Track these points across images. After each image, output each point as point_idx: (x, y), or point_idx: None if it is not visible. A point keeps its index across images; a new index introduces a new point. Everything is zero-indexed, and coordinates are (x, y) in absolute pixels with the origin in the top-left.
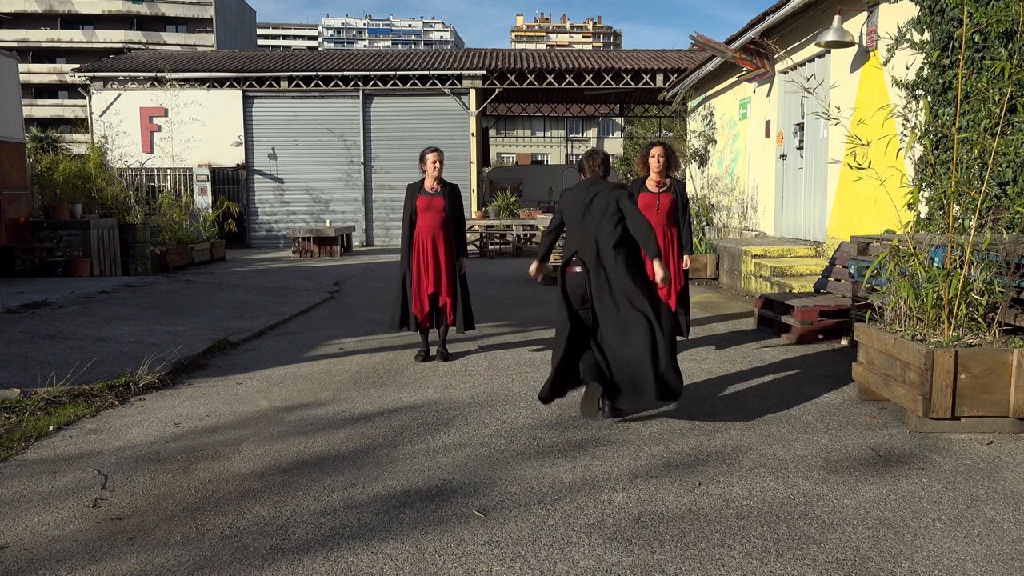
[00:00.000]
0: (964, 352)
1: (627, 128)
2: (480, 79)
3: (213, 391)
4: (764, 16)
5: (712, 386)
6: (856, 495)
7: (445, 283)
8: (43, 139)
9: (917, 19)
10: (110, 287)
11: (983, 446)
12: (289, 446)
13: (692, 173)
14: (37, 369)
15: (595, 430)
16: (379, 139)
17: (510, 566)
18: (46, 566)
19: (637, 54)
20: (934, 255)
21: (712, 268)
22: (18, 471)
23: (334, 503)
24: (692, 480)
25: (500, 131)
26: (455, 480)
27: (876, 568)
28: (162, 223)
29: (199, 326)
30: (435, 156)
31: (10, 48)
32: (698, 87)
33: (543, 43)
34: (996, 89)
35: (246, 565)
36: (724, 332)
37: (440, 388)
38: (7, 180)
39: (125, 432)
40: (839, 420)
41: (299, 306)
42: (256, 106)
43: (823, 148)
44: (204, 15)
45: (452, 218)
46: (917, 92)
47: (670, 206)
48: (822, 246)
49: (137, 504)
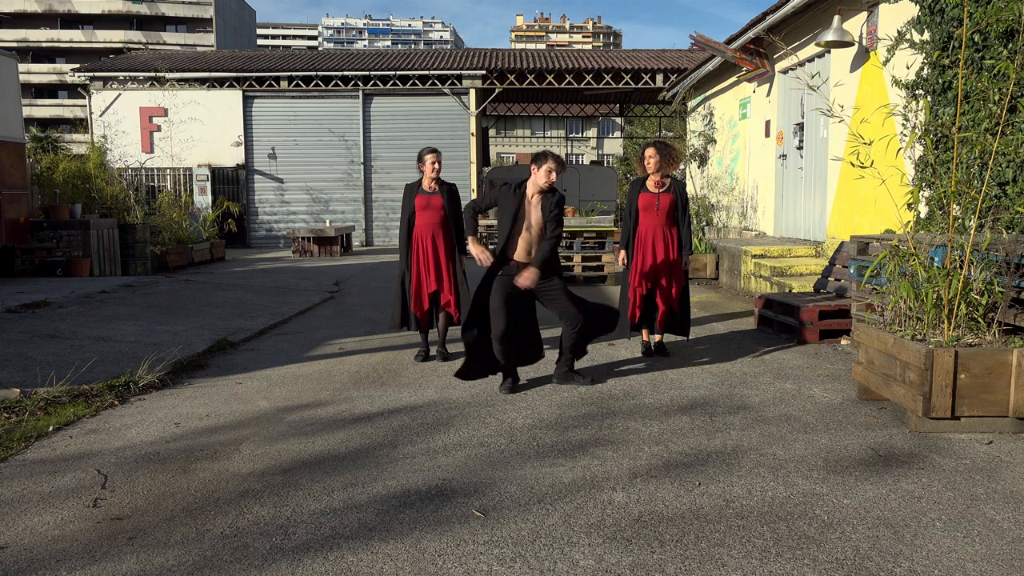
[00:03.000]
0: (964, 352)
1: (627, 128)
2: (480, 79)
3: (213, 391)
4: (764, 16)
5: (712, 386)
6: (856, 495)
7: (446, 281)
8: (43, 139)
9: (917, 19)
10: (110, 287)
11: (983, 446)
12: (289, 446)
13: (692, 173)
14: (37, 369)
15: (595, 430)
16: (379, 139)
17: (510, 566)
18: (46, 566)
19: (637, 54)
20: (934, 255)
21: (712, 268)
22: (18, 471)
23: (334, 503)
24: (692, 480)
25: (500, 131)
26: (455, 480)
27: (876, 568)
28: (162, 223)
29: (199, 326)
30: (433, 157)
31: (10, 48)
32: (698, 87)
33: (543, 43)
34: (996, 89)
35: (246, 565)
36: (724, 332)
37: (440, 388)
38: (7, 180)
39: (125, 432)
40: (839, 420)
41: (299, 306)
42: (256, 106)
43: (823, 148)
44: (204, 15)
45: (451, 216)
46: (917, 92)
47: (670, 206)
48: (822, 246)
49: (137, 504)
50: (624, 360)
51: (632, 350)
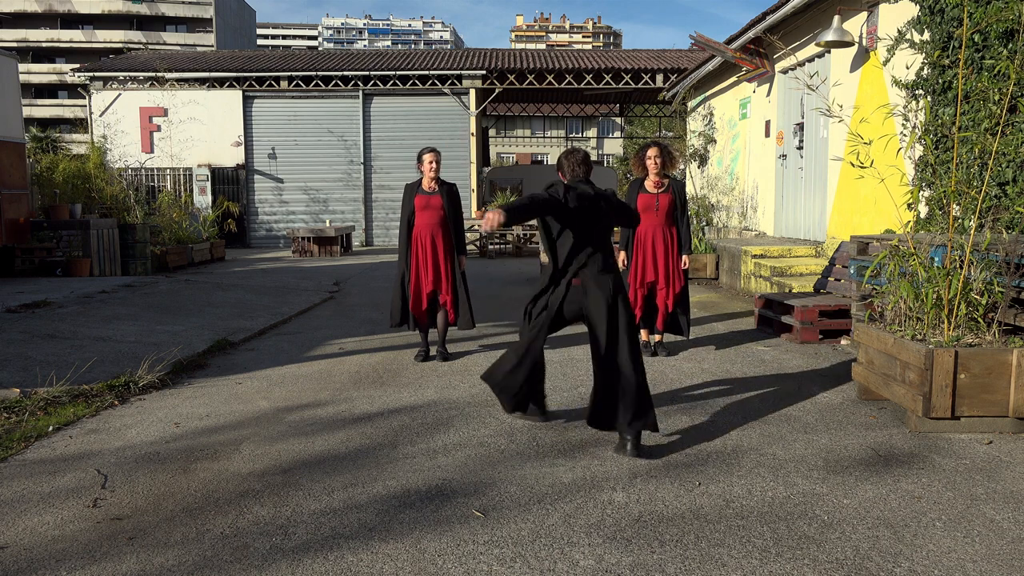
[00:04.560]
0: (964, 352)
1: (627, 128)
2: (480, 79)
3: (213, 391)
4: (764, 16)
5: (712, 386)
6: (856, 495)
7: (445, 281)
8: (43, 139)
9: (917, 19)
10: (110, 287)
11: (983, 446)
12: (289, 446)
13: (692, 173)
14: (37, 369)
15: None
16: (379, 139)
17: (510, 566)
18: (46, 566)
19: (637, 54)
20: (934, 255)
21: (712, 268)
22: (18, 471)
23: (334, 503)
24: (692, 480)
25: (500, 131)
26: (455, 480)
27: (876, 568)
28: (162, 223)
29: (199, 326)
30: (432, 156)
31: (10, 48)
32: (698, 87)
33: (543, 43)
34: (996, 89)
35: (246, 565)
36: (724, 332)
37: (440, 388)
38: (7, 180)
39: (125, 432)
40: (839, 420)
41: (299, 306)
42: (256, 106)
43: (823, 148)
44: (204, 15)
45: (451, 216)
46: (917, 92)
47: (669, 206)
48: (822, 246)
49: (137, 504)
50: None
51: None
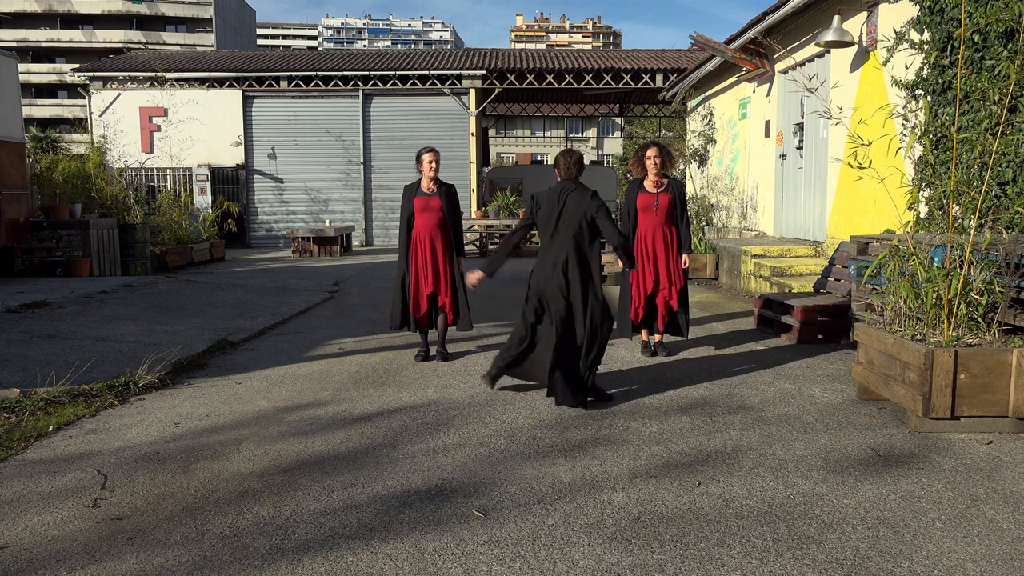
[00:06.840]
0: (964, 352)
1: (627, 128)
2: (480, 79)
3: (213, 391)
4: (764, 16)
5: (712, 386)
6: (856, 495)
7: (444, 283)
8: (43, 139)
9: (917, 19)
10: (110, 287)
11: (983, 446)
12: (289, 446)
13: (692, 173)
14: (37, 369)
15: (595, 430)
16: (378, 139)
17: (510, 566)
18: (46, 566)
19: (637, 54)
20: (934, 255)
21: (712, 268)
22: (18, 471)
23: (334, 503)
24: (692, 480)
25: (500, 131)
26: (455, 480)
27: (876, 568)
28: (162, 223)
29: (199, 326)
30: (431, 156)
31: (10, 48)
32: (698, 87)
33: (543, 43)
34: (996, 89)
35: (246, 565)
36: (724, 332)
37: (440, 388)
38: (7, 180)
39: (125, 432)
40: (839, 420)
41: (299, 306)
42: (256, 106)
43: (823, 148)
44: (204, 15)
45: (449, 218)
46: (917, 92)
47: (668, 206)
48: (822, 246)
49: (137, 504)
50: (624, 360)
51: (632, 350)
